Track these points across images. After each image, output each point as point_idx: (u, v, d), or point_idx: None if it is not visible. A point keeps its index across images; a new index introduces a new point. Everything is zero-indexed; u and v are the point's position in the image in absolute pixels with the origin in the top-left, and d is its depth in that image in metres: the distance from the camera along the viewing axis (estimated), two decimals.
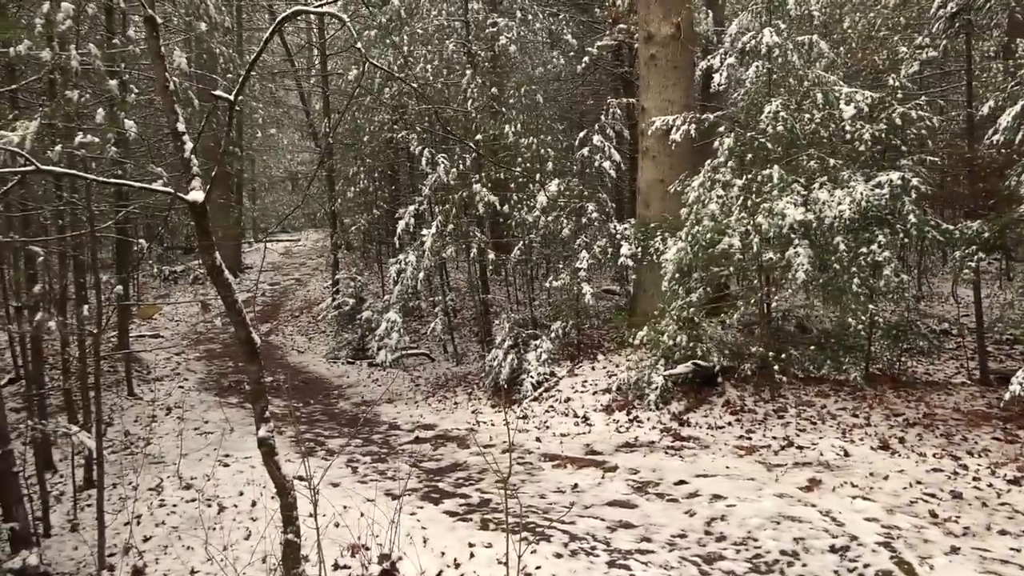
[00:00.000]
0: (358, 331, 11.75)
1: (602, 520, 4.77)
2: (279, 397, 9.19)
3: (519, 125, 9.63)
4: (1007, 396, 5.15)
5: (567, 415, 7.51)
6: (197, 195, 3.00)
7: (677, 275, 7.16)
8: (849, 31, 11.45)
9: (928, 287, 11.19)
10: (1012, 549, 3.89)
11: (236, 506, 5.53)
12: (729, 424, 6.54)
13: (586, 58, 11.90)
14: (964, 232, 6.49)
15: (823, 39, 11.35)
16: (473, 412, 8.34)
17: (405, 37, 11.17)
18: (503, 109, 10.63)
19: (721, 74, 7.70)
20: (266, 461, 3.26)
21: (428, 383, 10.19)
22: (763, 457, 5.72)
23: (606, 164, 9.51)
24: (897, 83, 7.29)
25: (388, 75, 10.52)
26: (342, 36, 14.88)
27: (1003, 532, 4.10)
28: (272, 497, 3.89)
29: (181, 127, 2.97)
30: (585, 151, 9.75)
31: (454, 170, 10.14)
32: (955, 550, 3.91)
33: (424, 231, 10.02)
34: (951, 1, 8.23)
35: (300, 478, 3.47)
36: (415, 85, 10.08)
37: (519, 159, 9.68)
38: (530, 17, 11.19)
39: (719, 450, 6.03)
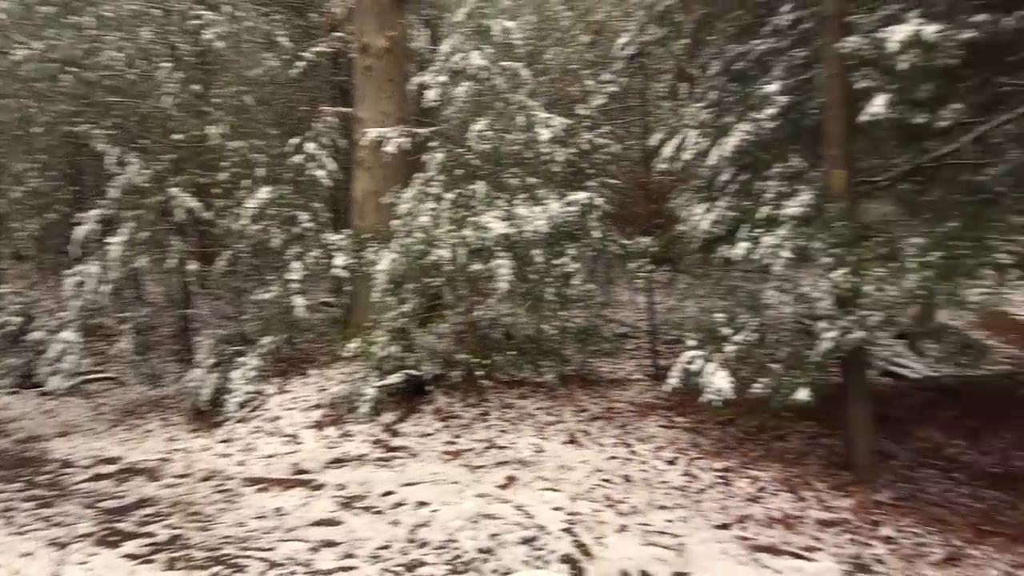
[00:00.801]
0: (26, 355, 10.04)
1: (305, 542, 4.58)
2: None
3: (227, 127, 9.01)
4: (667, 388, 5.95)
5: (275, 434, 7.13)
6: None
7: (390, 286, 7.19)
8: (551, 62, 12.57)
9: (612, 295, 12.58)
10: (667, 521, 4.49)
11: None
12: (438, 431, 6.71)
13: (302, 63, 11.51)
14: (636, 247, 7.42)
15: (529, 67, 12.24)
16: (169, 439, 7.55)
17: (92, 19, 9.85)
18: (209, 109, 9.86)
19: (434, 91, 7.95)
20: None
21: (115, 410, 9.03)
22: (468, 460, 5.95)
23: (320, 173, 9.27)
24: (586, 113, 8.13)
25: (65, 61, 9.19)
26: (14, 12, 12.70)
27: (662, 507, 4.71)
28: None
29: None
30: (299, 159, 9.41)
31: (148, 171, 9.15)
32: (624, 528, 4.40)
33: (111, 239, 8.88)
34: (629, 44, 9.41)
35: None
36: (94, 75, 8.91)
37: (227, 163, 9.05)
38: (239, 14, 10.54)
39: (427, 457, 6.15)
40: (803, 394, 5.04)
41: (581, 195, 7.24)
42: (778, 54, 6.62)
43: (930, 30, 4.46)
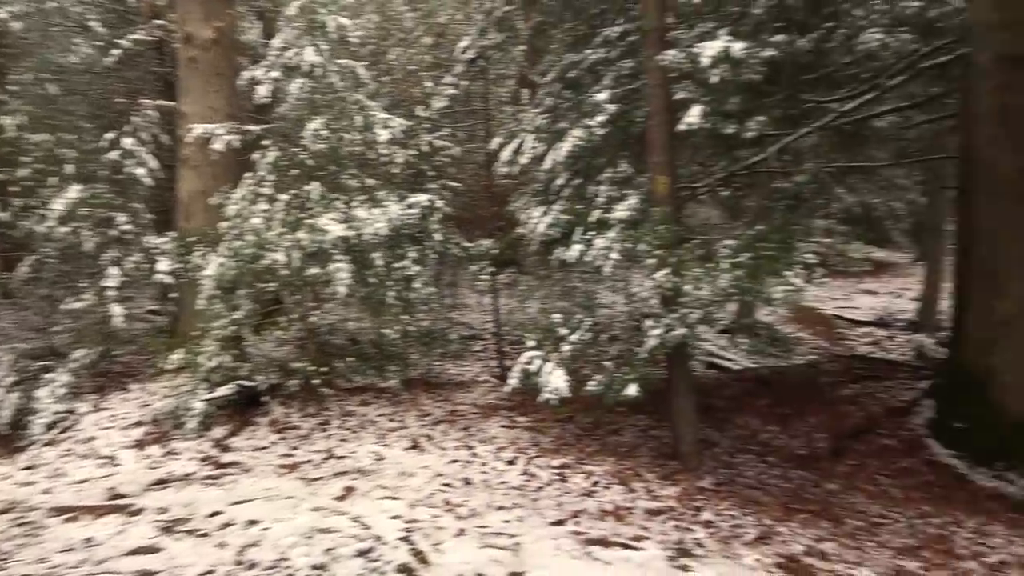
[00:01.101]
0: None
1: (117, 574, 4.18)
2: None
3: (25, 118, 8.10)
4: (507, 389, 6.02)
5: (89, 457, 6.48)
6: None
7: (218, 292, 6.78)
8: (394, 63, 12.41)
9: (459, 298, 12.62)
10: (505, 522, 4.52)
11: None
12: (273, 443, 6.39)
13: (118, 51, 10.59)
14: (478, 249, 7.46)
15: (372, 68, 12.00)
16: None
17: None
18: (3, 97, 8.83)
19: (266, 87, 7.58)
20: None
21: None
22: (304, 473, 5.70)
23: (140, 171, 8.55)
24: (426, 115, 8.08)
25: None
26: None
27: (500, 508, 4.74)
28: None
29: None
30: (116, 155, 8.63)
31: None
32: (462, 532, 4.38)
33: None
34: (470, 48, 9.46)
35: None
36: None
37: (28, 159, 8.13)
38: None
39: (261, 472, 5.83)
40: (632, 390, 5.27)
41: (422, 197, 7.19)
42: (608, 64, 6.91)
43: (737, 47, 4.81)
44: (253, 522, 4.79)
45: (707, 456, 6.03)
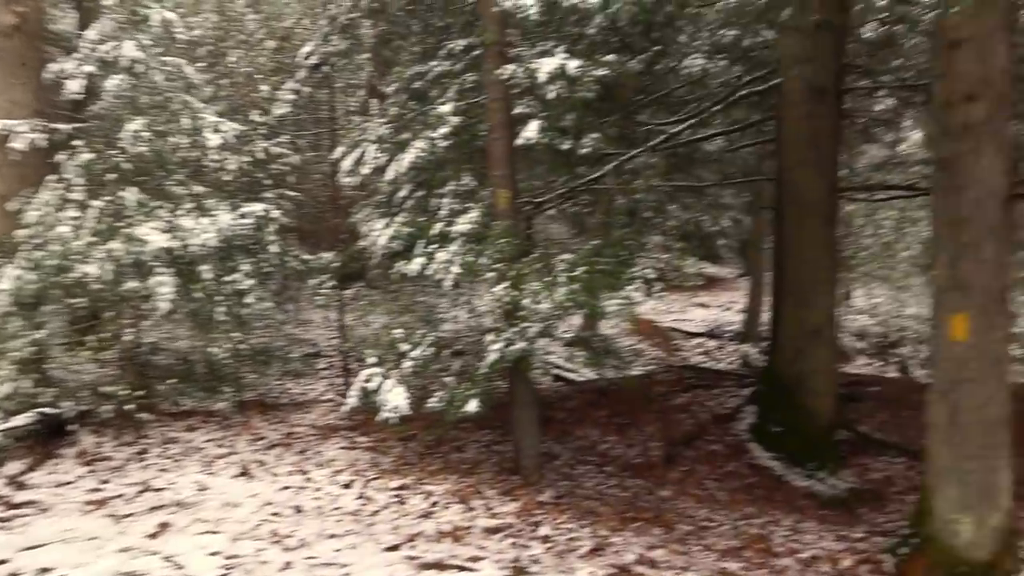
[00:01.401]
0: None
1: None
2: None
3: None
4: (345, 408, 5.76)
5: None
6: None
7: (14, 308, 6.03)
8: (234, 66, 11.75)
9: (303, 313, 12.08)
10: (336, 550, 4.27)
11: None
12: (80, 478, 5.72)
13: None
14: (318, 262, 7.15)
15: (210, 69, 11.29)
16: None
17: None
18: None
19: (78, 82, 6.90)
20: None
21: None
22: (114, 509, 5.13)
23: None
24: (262, 120, 7.66)
25: None
26: None
27: (332, 536, 4.48)
28: None
29: None
30: None
31: None
32: (288, 565, 4.09)
33: None
34: (313, 54, 9.11)
35: None
36: None
37: None
38: None
39: (63, 510, 5.19)
40: (473, 405, 5.21)
41: (256, 207, 6.79)
42: (453, 77, 6.86)
43: (572, 65, 4.91)
44: (46, 570, 4.23)
45: (548, 469, 6.07)
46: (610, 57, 5.02)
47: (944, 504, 4.43)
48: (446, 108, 6.25)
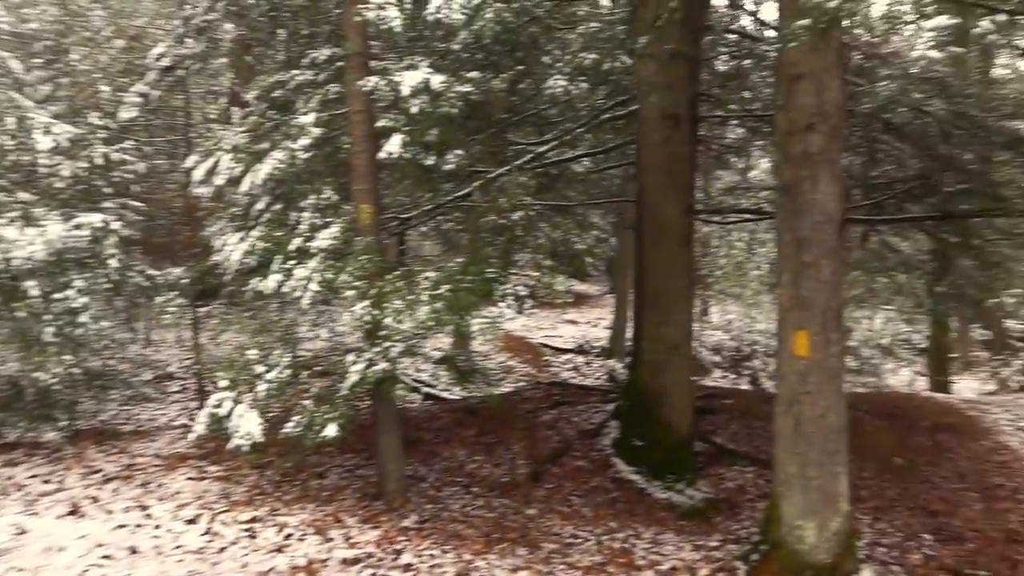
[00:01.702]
0: None
1: None
2: None
3: None
4: (192, 437, 5.34)
5: None
6: None
7: None
8: (78, 65, 10.83)
9: (153, 333, 11.25)
10: None
11: None
12: None
13: None
14: (166, 278, 6.63)
15: (48, 67, 10.34)
16: None
17: None
18: None
19: None
20: None
21: None
22: None
23: None
24: (101, 123, 7.05)
25: None
26: None
27: None
28: None
29: None
30: None
31: None
32: None
33: None
34: (165, 56, 8.53)
35: None
36: None
37: None
38: None
39: None
40: (332, 430, 4.97)
41: (94, 217, 6.22)
42: (316, 87, 6.60)
43: (436, 80, 4.83)
44: None
45: (414, 492, 5.90)
46: (474, 74, 4.99)
47: (790, 510, 4.67)
48: (308, 119, 5.98)
